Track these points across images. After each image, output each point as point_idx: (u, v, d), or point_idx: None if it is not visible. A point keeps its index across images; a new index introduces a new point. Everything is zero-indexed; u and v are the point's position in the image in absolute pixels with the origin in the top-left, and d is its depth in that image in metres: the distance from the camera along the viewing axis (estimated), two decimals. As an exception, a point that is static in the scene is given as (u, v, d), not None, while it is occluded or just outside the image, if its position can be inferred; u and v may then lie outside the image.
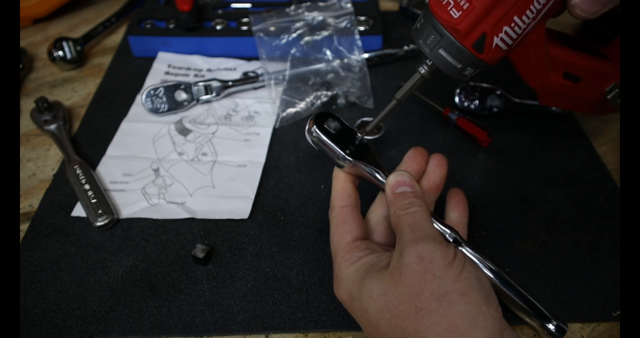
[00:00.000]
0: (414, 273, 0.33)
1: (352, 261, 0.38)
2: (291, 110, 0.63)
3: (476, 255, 0.41)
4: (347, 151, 0.40)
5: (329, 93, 0.64)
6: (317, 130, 0.41)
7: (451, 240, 0.40)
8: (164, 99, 0.63)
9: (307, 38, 0.67)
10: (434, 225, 0.40)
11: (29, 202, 0.54)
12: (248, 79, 0.66)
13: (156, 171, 0.56)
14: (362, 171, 0.41)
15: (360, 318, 0.36)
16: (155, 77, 0.70)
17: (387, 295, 0.33)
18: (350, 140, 0.42)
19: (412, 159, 0.45)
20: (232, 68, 0.71)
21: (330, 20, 0.68)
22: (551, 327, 0.41)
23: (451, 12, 0.38)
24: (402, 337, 0.32)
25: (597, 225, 0.51)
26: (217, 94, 0.65)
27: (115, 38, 0.80)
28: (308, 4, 0.70)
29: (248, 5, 0.77)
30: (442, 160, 0.46)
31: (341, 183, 0.42)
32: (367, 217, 0.44)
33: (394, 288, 0.33)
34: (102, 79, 0.70)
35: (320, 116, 0.42)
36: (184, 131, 0.61)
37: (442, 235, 0.40)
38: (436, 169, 0.45)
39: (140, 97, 0.64)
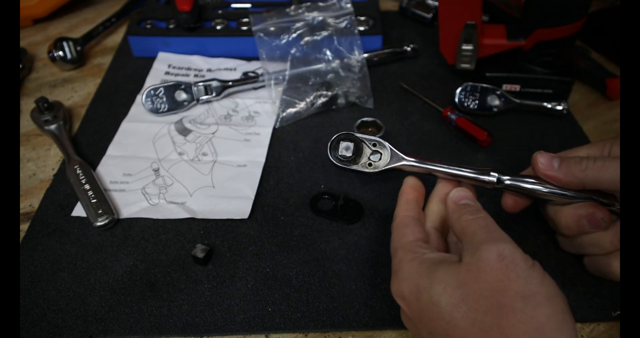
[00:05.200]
0: (495, 270, 0.33)
1: (415, 256, 0.37)
2: (291, 110, 0.63)
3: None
4: (370, 164, 0.45)
5: (329, 93, 0.64)
6: (335, 163, 0.45)
7: (495, 179, 0.43)
8: (164, 99, 0.63)
9: (307, 38, 0.67)
10: None
11: (29, 202, 0.54)
12: (248, 79, 0.66)
13: (156, 171, 0.56)
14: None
15: (427, 312, 0.35)
16: (156, 77, 0.70)
17: (465, 288, 0.33)
18: (367, 151, 0.45)
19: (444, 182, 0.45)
20: (232, 68, 0.71)
21: (330, 20, 0.68)
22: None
23: None
24: (481, 330, 0.32)
25: (597, 225, 0.51)
26: (217, 94, 0.65)
27: (115, 38, 0.80)
28: (308, 4, 0.70)
29: (248, 5, 0.77)
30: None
31: (404, 198, 0.44)
32: None
33: (472, 282, 0.33)
34: (102, 79, 0.70)
35: (333, 145, 0.45)
36: (184, 131, 0.61)
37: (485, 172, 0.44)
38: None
39: (141, 97, 0.64)
